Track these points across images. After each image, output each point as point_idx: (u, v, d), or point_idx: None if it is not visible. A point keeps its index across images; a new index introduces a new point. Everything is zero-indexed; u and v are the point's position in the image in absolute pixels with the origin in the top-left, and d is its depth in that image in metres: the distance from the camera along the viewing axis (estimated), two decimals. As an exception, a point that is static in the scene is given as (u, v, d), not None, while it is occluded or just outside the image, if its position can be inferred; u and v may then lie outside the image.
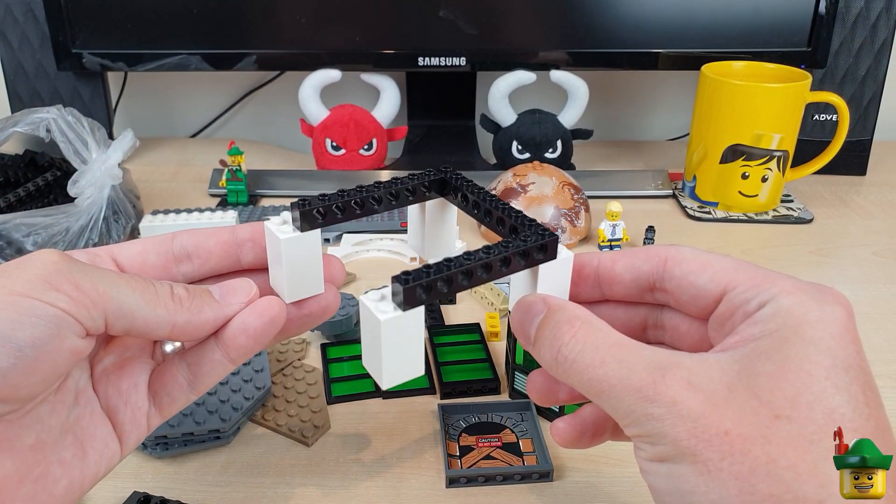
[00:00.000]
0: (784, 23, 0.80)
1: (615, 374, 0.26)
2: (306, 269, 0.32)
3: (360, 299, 0.28)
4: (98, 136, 0.65)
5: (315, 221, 0.31)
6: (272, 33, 0.82)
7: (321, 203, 0.31)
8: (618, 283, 0.32)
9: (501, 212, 0.32)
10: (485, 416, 0.45)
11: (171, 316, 0.29)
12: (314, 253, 0.32)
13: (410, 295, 0.27)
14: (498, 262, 0.29)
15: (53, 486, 0.28)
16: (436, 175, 0.34)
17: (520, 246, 0.29)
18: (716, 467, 0.24)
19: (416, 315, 0.28)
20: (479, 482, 0.41)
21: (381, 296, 0.28)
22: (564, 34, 0.82)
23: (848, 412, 0.24)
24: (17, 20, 0.83)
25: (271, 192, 0.80)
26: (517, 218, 0.31)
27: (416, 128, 0.90)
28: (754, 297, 0.27)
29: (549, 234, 0.30)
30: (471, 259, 0.28)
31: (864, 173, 0.87)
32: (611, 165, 0.91)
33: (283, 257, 0.31)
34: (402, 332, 0.28)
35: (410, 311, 0.27)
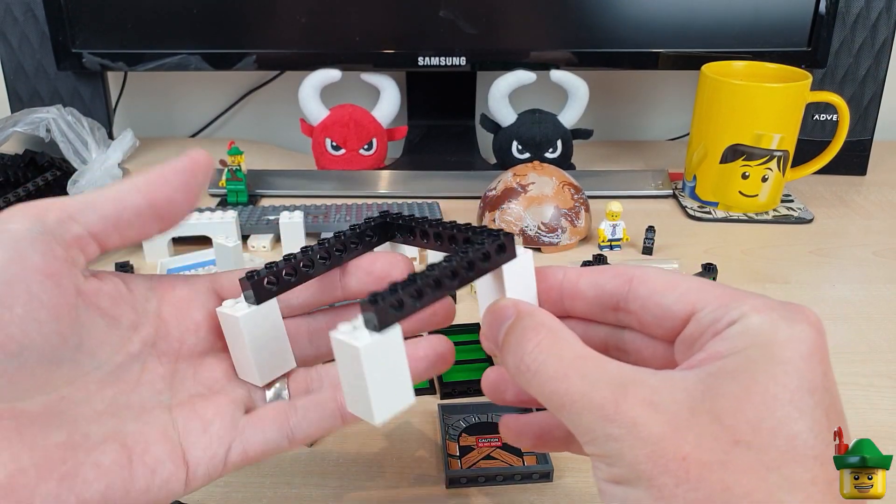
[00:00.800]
0: (784, 23, 0.80)
1: (577, 388, 0.25)
2: (272, 346, 0.31)
3: (332, 335, 0.26)
4: (98, 135, 0.66)
5: (268, 292, 0.30)
6: (272, 33, 0.82)
7: (270, 272, 0.30)
8: (580, 300, 0.31)
9: (451, 230, 0.32)
10: (485, 416, 0.45)
11: (130, 181, 0.29)
12: (276, 326, 0.31)
13: (383, 314, 0.26)
14: (463, 268, 0.29)
15: (84, 489, 0.26)
16: (377, 220, 0.34)
17: (479, 249, 0.29)
18: (670, 493, 0.23)
19: (395, 336, 0.27)
20: (479, 482, 0.41)
21: (353, 326, 0.26)
22: (564, 34, 0.82)
23: (810, 438, 0.23)
24: (17, 20, 0.83)
25: (271, 192, 0.80)
26: (468, 230, 0.31)
27: (416, 128, 0.90)
28: (723, 315, 0.26)
29: (505, 234, 0.30)
30: (435, 269, 0.28)
31: (865, 173, 0.87)
32: (611, 165, 0.91)
33: (245, 336, 0.30)
34: (385, 357, 0.26)
35: (388, 331, 0.26)
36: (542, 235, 0.66)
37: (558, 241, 0.67)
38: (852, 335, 0.56)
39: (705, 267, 0.49)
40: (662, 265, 0.64)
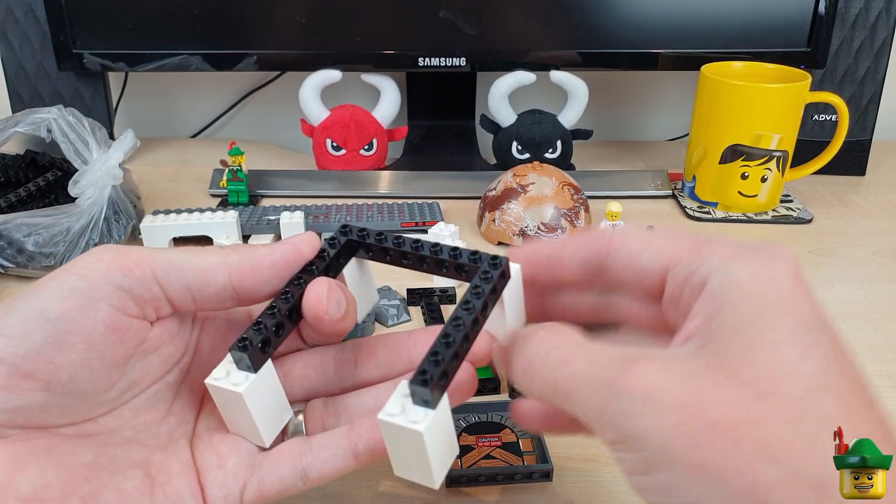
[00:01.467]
0: (783, 23, 0.80)
1: (581, 370, 0.25)
2: (272, 405, 0.30)
3: (384, 420, 0.26)
4: (99, 136, 0.66)
5: (264, 355, 0.29)
6: (272, 34, 0.82)
7: (261, 335, 0.29)
8: (567, 269, 0.31)
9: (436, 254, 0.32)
10: (485, 416, 0.45)
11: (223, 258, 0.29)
12: (274, 385, 0.30)
13: (438, 391, 0.26)
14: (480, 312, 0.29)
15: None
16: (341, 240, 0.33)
17: (489, 285, 0.30)
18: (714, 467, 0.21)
19: (445, 406, 0.27)
20: (479, 482, 0.41)
21: (401, 406, 0.26)
22: (564, 34, 0.82)
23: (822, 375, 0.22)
24: (18, 20, 0.83)
25: (272, 192, 0.80)
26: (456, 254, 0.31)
27: (416, 128, 0.90)
28: (696, 269, 0.26)
29: (502, 259, 0.30)
30: (461, 324, 0.28)
31: (864, 173, 0.87)
32: (611, 165, 0.91)
33: (250, 407, 0.29)
34: (439, 429, 0.27)
35: (439, 404, 0.27)
36: (542, 236, 0.67)
37: (558, 241, 0.67)
38: (852, 335, 0.56)
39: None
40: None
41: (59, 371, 0.26)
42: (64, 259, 0.61)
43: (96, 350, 0.27)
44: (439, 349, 0.27)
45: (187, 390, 0.31)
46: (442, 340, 0.27)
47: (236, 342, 0.29)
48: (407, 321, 0.57)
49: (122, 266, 0.27)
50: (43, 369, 0.26)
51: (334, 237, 0.33)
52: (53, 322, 0.26)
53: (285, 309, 0.30)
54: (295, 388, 0.32)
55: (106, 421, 0.28)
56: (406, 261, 0.33)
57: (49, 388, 0.26)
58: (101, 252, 0.28)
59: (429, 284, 0.61)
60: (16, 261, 0.60)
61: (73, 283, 0.27)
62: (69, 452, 0.27)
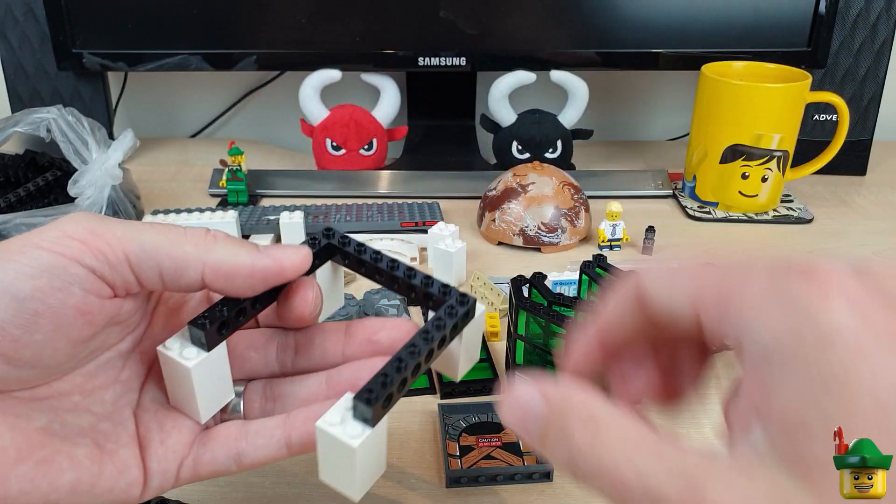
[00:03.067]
0: (784, 23, 0.80)
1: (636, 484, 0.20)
2: (217, 385, 0.31)
3: (322, 428, 0.26)
4: (98, 136, 0.66)
5: (220, 336, 0.30)
6: (272, 33, 0.82)
7: (221, 318, 0.29)
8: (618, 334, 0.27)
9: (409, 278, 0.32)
10: (485, 416, 0.45)
11: (202, 253, 0.28)
12: (223, 367, 0.31)
13: (378, 411, 0.27)
14: (436, 346, 0.29)
15: (57, 476, 0.26)
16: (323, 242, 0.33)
17: (452, 321, 0.30)
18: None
19: (382, 428, 0.28)
20: (479, 482, 0.41)
21: (340, 417, 0.27)
22: (564, 34, 0.82)
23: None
24: (18, 20, 0.83)
25: (272, 192, 0.80)
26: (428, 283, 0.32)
27: (416, 128, 0.90)
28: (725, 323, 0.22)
29: (470, 298, 0.31)
30: (416, 353, 0.28)
31: (864, 173, 0.87)
32: (611, 165, 0.91)
33: (195, 383, 0.29)
34: (373, 448, 0.27)
35: (378, 425, 0.27)
36: (542, 235, 0.66)
37: (558, 241, 0.67)
38: (852, 335, 0.56)
39: (705, 267, 0.49)
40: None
41: (22, 349, 0.26)
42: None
43: (63, 331, 0.26)
44: (389, 372, 0.27)
45: (136, 360, 0.31)
46: (394, 364, 0.28)
47: (197, 318, 0.29)
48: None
49: (95, 248, 0.27)
50: (6, 347, 0.25)
51: (315, 237, 0.33)
52: (22, 301, 0.25)
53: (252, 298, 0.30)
54: (234, 366, 0.32)
55: (58, 385, 0.28)
56: (379, 277, 0.33)
57: (10, 363, 0.26)
58: (73, 228, 0.27)
59: (429, 284, 0.61)
60: (15, 261, 0.60)
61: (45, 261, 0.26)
62: (24, 416, 0.26)
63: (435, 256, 0.61)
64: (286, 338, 0.34)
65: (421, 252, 0.66)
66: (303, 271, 0.30)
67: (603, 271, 0.49)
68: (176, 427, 0.30)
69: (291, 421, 0.30)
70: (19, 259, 0.26)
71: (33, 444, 0.26)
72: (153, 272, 0.28)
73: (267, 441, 0.30)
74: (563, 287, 0.58)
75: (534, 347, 0.46)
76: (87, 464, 0.27)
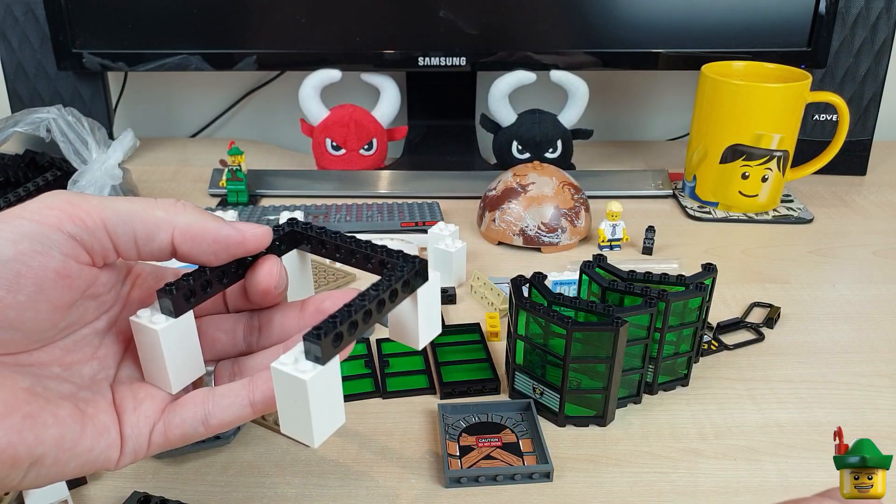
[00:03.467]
0: (784, 23, 0.80)
1: None
2: (186, 355, 0.32)
3: (276, 368, 0.28)
4: (98, 136, 0.66)
5: (187, 304, 0.31)
6: (272, 33, 0.82)
7: (187, 285, 0.31)
8: None
9: (366, 249, 0.34)
10: (485, 416, 0.45)
11: (172, 216, 0.30)
12: (191, 336, 0.32)
13: (327, 349, 0.28)
14: (387, 297, 0.31)
15: (43, 430, 0.27)
16: (286, 230, 0.36)
17: (401, 276, 0.32)
18: None
19: (334, 367, 0.29)
20: (479, 482, 0.41)
21: (294, 358, 0.28)
22: (565, 34, 0.82)
23: None
24: (18, 20, 0.83)
25: (271, 191, 0.80)
26: (383, 252, 0.34)
27: (416, 128, 0.90)
28: None
29: (420, 261, 0.33)
30: (366, 301, 0.30)
31: (865, 173, 0.87)
32: (611, 165, 0.91)
33: (163, 348, 0.31)
34: (326, 387, 0.29)
35: (329, 363, 0.28)
36: (542, 235, 0.66)
37: (558, 240, 0.67)
38: (852, 335, 0.56)
39: (705, 267, 0.49)
40: (662, 265, 0.64)
41: (6, 310, 0.27)
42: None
43: (44, 294, 0.28)
44: (340, 314, 0.29)
45: (112, 338, 0.33)
46: (345, 308, 0.29)
47: (164, 286, 0.31)
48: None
49: (74, 215, 0.28)
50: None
51: (279, 226, 0.36)
52: (5, 263, 0.27)
53: (217, 270, 0.32)
54: (205, 348, 0.34)
55: (38, 355, 0.30)
56: (339, 254, 0.35)
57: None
58: (52, 200, 0.29)
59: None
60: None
61: (26, 228, 0.27)
62: (9, 377, 0.28)
63: (435, 256, 0.61)
64: (251, 319, 0.36)
65: (421, 252, 0.66)
66: (263, 246, 0.32)
67: (603, 271, 0.49)
68: (149, 396, 0.32)
69: (254, 382, 0.31)
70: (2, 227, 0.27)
71: (19, 399, 0.27)
72: (128, 237, 0.30)
73: (232, 401, 0.31)
74: (563, 287, 0.58)
75: (534, 347, 0.46)
76: (70, 422, 0.29)
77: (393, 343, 0.52)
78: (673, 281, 0.47)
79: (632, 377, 0.47)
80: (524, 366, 0.46)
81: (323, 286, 0.59)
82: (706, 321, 0.52)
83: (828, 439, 0.45)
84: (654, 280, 0.48)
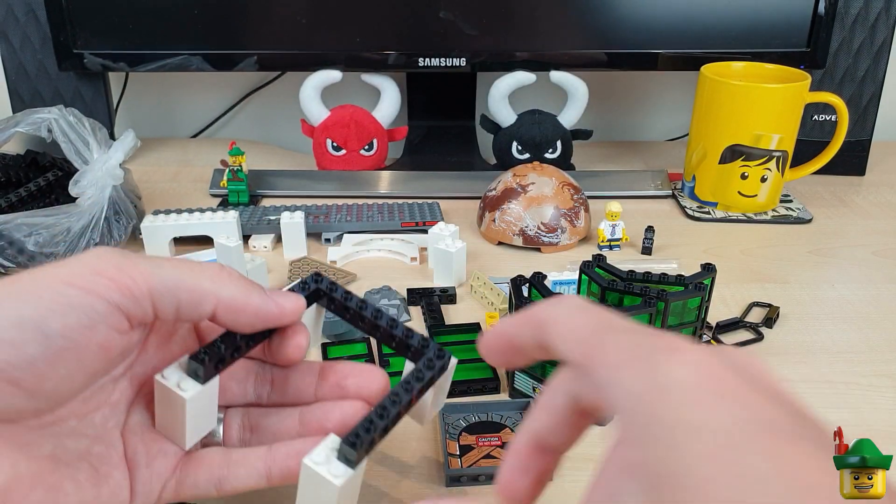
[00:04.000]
0: (783, 23, 0.80)
1: None
2: (205, 415, 0.33)
3: (308, 465, 0.29)
4: (99, 136, 0.66)
5: (215, 370, 0.32)
6: (273, 34, 0.82)
7: (217, 354, 0.32)
8: (525, 355, 0.28)
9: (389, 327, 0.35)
10: (485, 416, 0.45)
11: (218, 288, 0.30)
12: (213, 399, 0.33)
13: (361, 454, 0.30)
14: (416, 394, 0.33)
15: (64, 500, 0.27)
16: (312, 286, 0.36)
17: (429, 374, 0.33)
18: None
19: (361, 470, 0.31)
20: (479, 481, 0.41)
21: (325, 457, 0.30)
22: (564, 35, 0.82)
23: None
24: (19, 20, 0.83)
25: (272, 192, 0.80)
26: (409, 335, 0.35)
27: (416, 128, 0.90)
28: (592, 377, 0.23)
29: (447, 353, 0.34)
30: (397, 402, 0.31)
31: (864, 173, 0.87)
32: (610, 166, 0.91)
33: (188, 413, 0.31)
34: (352, 487, 0.30)
35: (358, 466, 0.30)
36: (542, 235, 0.67)
37: (558, 241, 0.67)
38: (852, 335, 0.56)
39: (704, 267, 0.49)
40: (662, 265, 0.64)
41: (45, 382, 0.27)
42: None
43: (84, 364, 0.28)
44: (374, 418, 0.30)
45: (126, 383, 0.32)
46: (378, 411, 0.31)
47: (197, 352, 0.31)
48: (407, 321, 0.57)
49: (122, 284, 0.28)
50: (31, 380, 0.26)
51: (306, 281, 0.36)
52: (51, 338, 0.26)
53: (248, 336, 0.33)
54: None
55: (59, 411, 0.29)
56: (361, 324, 0.36)
57: (31, 396, 0.27)
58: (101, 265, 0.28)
59: (429, 284, 0.62)
60: (16, 261, 0.60)
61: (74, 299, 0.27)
62: (35, 444, 0.28)
63: (435, 256, 0.61)
64: (264, 371, 0.36)
65: (421, 252, 0.66)
66: (297, 319, 0.33)
67: (603, 271, 0.49)
68: (161, 451, 0.32)
69: (273, 454, 0.32)
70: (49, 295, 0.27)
71: (44, 470, 0.27)
72: (171, 305, 0.29)
73: (248, 471, 0.32)
74: (562, 287, 0.58)
75: (534, 347, 0.46)
76: (88, 487, 0.29)
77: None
78: (672, 281, 0.48)
79: (631, 377, 0.47)
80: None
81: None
82: (705, 321, 0.52)
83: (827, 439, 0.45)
84: (654, 280, 0.48)
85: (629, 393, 0.20)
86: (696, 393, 0.19)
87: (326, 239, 0.69)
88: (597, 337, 0.23)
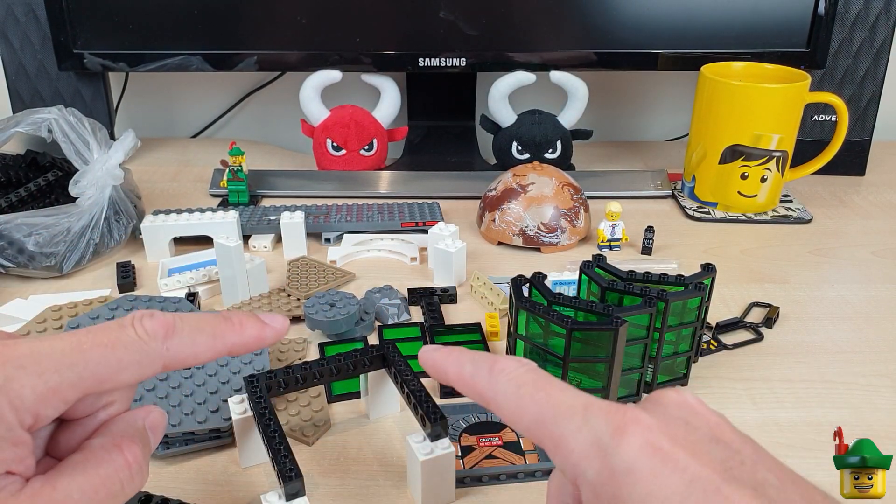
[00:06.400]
0: (783, 23, 0.80)
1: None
2: None
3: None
4: (99, 136, 0.66)
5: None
6: (273, 34, 0.82)
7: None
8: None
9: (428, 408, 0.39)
10: (485, 416, 0.45)
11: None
12: None
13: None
14: None
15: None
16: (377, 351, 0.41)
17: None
18: None
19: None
20: (483, 482, 0.41)
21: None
22: (564, 35, 0.82)
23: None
24: (19, 21, 0.83)
25: (272, 192, 0.80)
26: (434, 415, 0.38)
27: (416, 128, 0.90)
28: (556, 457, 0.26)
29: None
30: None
31: (863, 173, 0.87)
32: (610, 166, 0.91)
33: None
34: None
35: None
36: (542, 235, 0.67)
37: (558, 241, 0.67)
38: (851, 335, 0.56)
39: (704, 267, 0.49)
40: (662, 265, 0.64)
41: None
42: (65, 259, 0.61)
43: None
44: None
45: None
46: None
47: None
48: (408, 320, 0.57)
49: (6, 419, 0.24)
50: None
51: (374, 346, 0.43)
52: None
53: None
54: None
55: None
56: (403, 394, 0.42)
57: None
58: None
59: (429, 284, 0.62)
60: (16, 261, 0.60)
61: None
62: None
63: (435, 256, 0.62)
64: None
65: (421, 252, 0.66)
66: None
67: (603, 271, 0.49)
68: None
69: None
70: None
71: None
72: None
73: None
74: (562, 287, 0.58)
75: (534, 347, 0.46)
76: None
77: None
78: (672, 281, 0.48)
79: (631, 377, 0.47)
80: (524, 365, 0.47)
81: (323, 285, 0.60)
82: (705, 321, 0.52)
83: (827, 439, 0.45)
84: (654, 280, 0.48)
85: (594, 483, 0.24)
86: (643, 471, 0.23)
87: (326, 239, 0.69)
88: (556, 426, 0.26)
